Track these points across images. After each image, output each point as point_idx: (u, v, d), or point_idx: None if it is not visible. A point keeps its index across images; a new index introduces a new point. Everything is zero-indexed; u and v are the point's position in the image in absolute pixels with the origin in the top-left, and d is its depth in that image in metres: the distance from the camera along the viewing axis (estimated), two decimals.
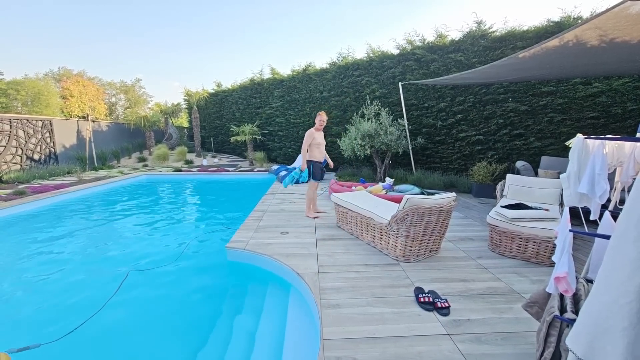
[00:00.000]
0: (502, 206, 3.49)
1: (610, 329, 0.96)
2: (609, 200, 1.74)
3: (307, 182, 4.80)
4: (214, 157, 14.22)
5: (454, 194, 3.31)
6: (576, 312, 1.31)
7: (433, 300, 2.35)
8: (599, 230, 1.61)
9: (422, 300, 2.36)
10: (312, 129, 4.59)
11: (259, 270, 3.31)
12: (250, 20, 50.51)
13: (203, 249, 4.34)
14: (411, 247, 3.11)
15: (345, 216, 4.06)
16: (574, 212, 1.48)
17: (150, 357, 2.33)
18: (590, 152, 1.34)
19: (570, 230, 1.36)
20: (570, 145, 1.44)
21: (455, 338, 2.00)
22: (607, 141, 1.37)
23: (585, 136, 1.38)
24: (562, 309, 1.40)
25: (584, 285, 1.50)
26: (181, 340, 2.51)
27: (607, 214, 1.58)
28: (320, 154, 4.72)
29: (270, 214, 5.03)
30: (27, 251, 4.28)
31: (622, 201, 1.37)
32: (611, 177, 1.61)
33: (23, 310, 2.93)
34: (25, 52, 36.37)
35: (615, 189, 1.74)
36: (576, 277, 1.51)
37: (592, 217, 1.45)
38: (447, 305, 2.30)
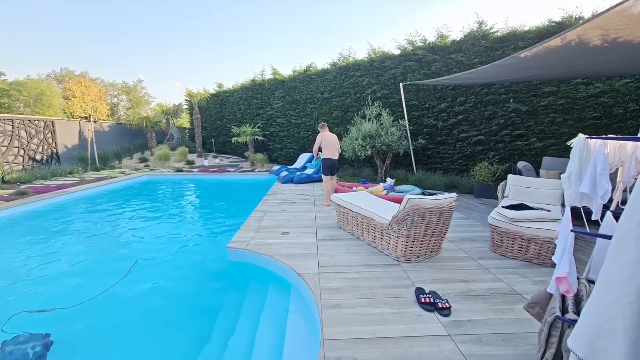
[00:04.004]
0: (503, 207, 3.48)
1: (612, 330, 0.95)
2: (610, 200, 1.73)
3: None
4: (215, 157, 14.24)
5: (454, 194, 3.30)
6: (578, 313, 1.30)
7: (434, 300, 2.35)
8: (601, 231, 1.60)
9: (422, 300, 2.36)
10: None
11: (259, 270, 3.30)
12: (252, 20, 50.64)
13: (204, 249, 4.34)
14: (412, 247, 3.10)
15: (346, 216, 4.05)
16: (575, 212, 1.47)
17: (151, 356, 2.34)
18: (592, 151, 1.33)
19: (571, 231, 1.35)
20: (571, 145, 1.44)
21: (456, 339, 1.99)
22: (608, 141, 1.36)
23: (587, 136, 1.37)
24: (564, 310, 1.40)
25: (585, 286, 1.49)
26: (182, 339, 2.51)
27: (609, 214, 1.57)
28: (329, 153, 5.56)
29: (271, 214, 5.03)
30: (32, 246, 4.34)
31: (624, 201, 1.36)
32: (613, 177, 1.60)
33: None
34: (27, 52, 36.59)
35: (617, 189, 1.73)
36: (578, 277, 1.50)
37: (593, 217, 1.44)
38: (447, 305, 2.30)
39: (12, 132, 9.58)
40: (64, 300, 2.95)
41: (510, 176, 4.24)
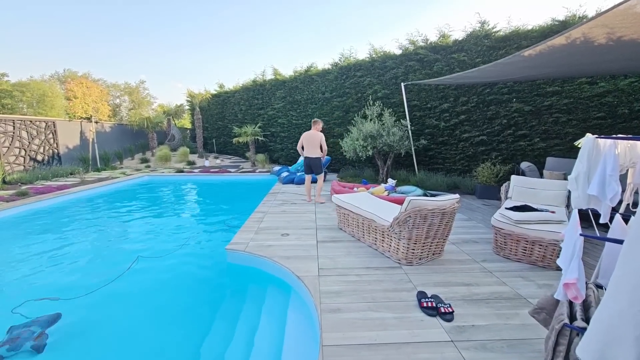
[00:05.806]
0: (506, 208, 3.42)
1: (622, 338, 0.92)
2: (620, 202, 1.68)
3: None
4: (216, 158, 14.23)
5: (457, 195, 3.24)
6: (586, 320, 1.25)
7: (436, 305, 2.29)
8: (610, 234, 1.54)
9: (424, 305, 2.30)
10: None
11: (258, 273, 3.26)
12: (253, 21, 50.65)
13: (203, 251, 4.31)
14: (413, 249, 3.05)
15: (346, 218, 4.01)
16: (581, 214, 1.42)
17: (147, 353, 2.31)
18: (601, 152, 1.28)
19: (580, 234, 1.30)
20: (579, 145, 1.39)
21: (459, 345, 1.94)
22: (619, 141, 1.31)
23: (597, 135, 1.32)
24: (572, 317, 1.34)
25: (593, 292, 1.44)
26: (179, 340, 2.46)
27: (618, 216, 1.51)
28: (307, 152, 5.67)
29: (271, 215, 4.99)
30: (34, 245, 4.39)
31: (635, 204, 1.31)
32: (622, 179, 1.55)
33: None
34: (30, 53, 36.73)
35: (627, 191, 1.67)
36: (586, 282, 1.45)
37: (602, 220, 1.39)
38: (450, 310, 2.24)
39: (14, 132, 9.59)
40: (67, 292, 3.08)
41: (513, 177, 4.18)
